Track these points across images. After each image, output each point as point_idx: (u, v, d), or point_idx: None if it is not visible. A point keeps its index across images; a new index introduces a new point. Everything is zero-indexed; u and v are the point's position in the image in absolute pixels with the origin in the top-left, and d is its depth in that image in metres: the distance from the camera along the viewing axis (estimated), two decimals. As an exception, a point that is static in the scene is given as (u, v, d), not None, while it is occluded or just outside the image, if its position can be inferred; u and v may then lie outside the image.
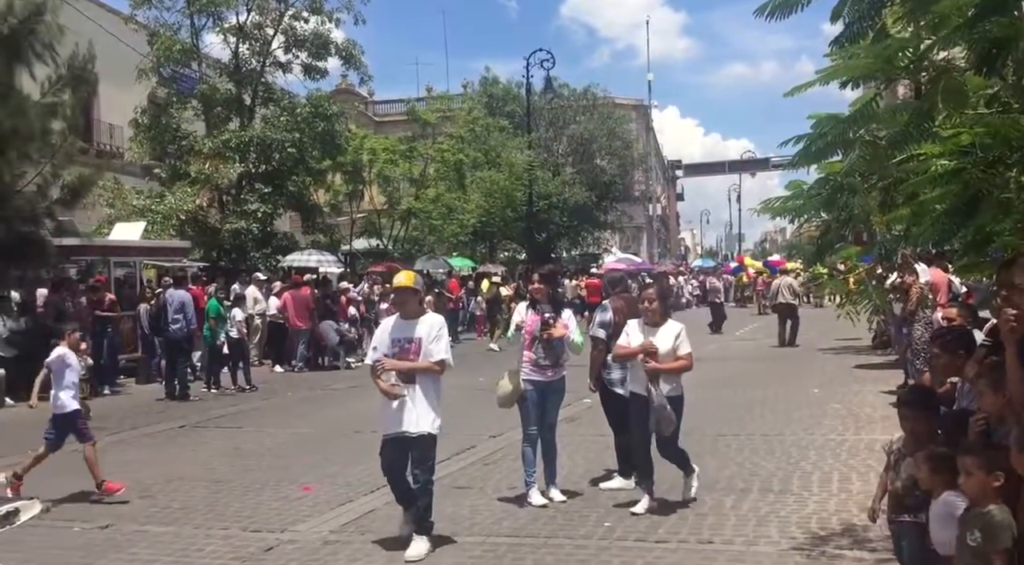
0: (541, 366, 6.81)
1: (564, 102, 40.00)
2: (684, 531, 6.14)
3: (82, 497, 7.52)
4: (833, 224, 4.37)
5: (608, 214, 41.58)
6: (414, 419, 5.68)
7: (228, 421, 11.57)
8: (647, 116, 57.50)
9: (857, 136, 4.26)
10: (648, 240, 58.81)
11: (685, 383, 7.00)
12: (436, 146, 30.77)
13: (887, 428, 8.15)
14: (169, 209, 21.01)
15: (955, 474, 3.76)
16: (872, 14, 3.65)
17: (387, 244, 30.10)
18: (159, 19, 22.71)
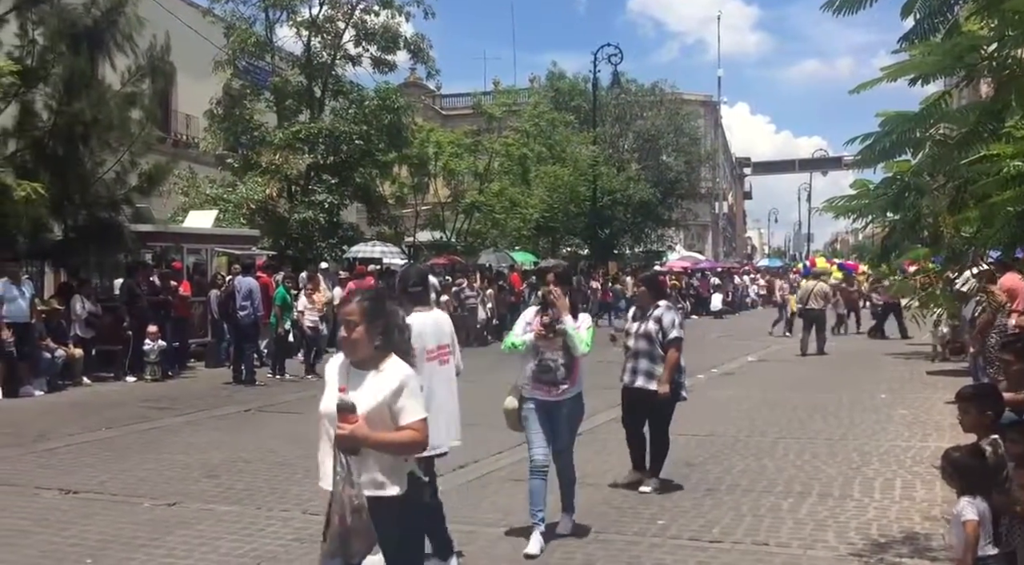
0: (543, 382, 5.75)
1: (631, 97, 39.74)
2: (739, 532, 6.07)
3: (152, 475, 7.79)
4: (899, 225, 4.27)
5: (673, 211, 41.19)
6: None
7: (291, 407, 11.84)
8: (716, 112, 56.75)
9: (926, 135, 4.16)
10: (713, 238, 58.06)
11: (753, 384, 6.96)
12: (501, 140, 30.88)
13: (955, 436, 7.90)
14: (240, 198, 21.55)
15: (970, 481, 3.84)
16: (944, 10, 3.56)
17: (450, 237, 30.33)
18: (236, 12, 23.33)
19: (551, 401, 5.75)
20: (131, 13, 14.65)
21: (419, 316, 5.02)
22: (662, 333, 6.90)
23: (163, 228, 17.32)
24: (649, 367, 6.90)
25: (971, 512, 3.81)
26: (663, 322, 6.92)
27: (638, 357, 6.95)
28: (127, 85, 15.14)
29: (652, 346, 6.88)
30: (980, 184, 3.92)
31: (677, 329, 6.92)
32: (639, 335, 6.95)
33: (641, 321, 7.02)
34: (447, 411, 5.03)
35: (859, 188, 4.67)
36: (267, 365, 15.37)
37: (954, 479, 3.96)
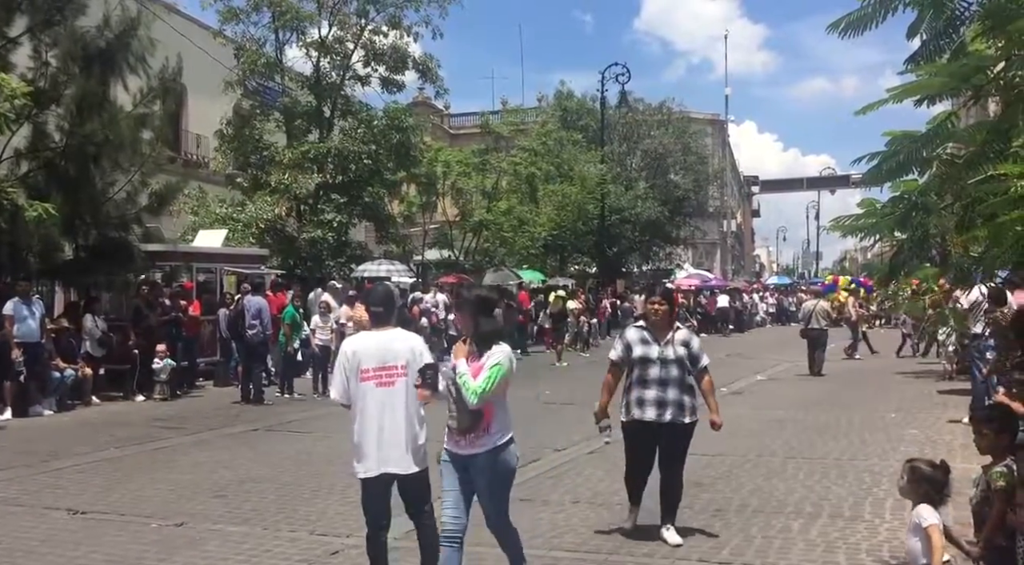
0: (452, 430, 4.73)
1: (639, 116, 39.86)
2: (750, 553, 6.03)
3: (160, 495, 7.79)
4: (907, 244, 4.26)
5: (681, 229, 41.19)
6: None
7: (299, 426, 11.84)
8: (723, 131, 56.87)
9: (932, 155, 4.17)
10: (722, 256, 57.99)
11: (762, 403, 6.88)
12: (509, 159, 31.00)
13: (967, 456, 7.85)
14: (249, 217, 21.64)
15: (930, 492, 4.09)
16: (949, 31, 3.58)
17: (458, 255, 30.39)
18: (246, 34, 23.53)
19: (462, 455, 4.69)
20: (143, 35, 14.81)
21: (365, 335, 5.05)
22: (690, 358, 6.18)
23: (173, 247, 17.41)
24: (681, 398, 6.11)
25: (934, 517, 4.03)
26: (692, 346, 6.22)
27: (668, 386, 6.07)
28: (139, 106, 15.28)
29: (683, 372, 6.14)
30: (988, 204, 3.92)
31: (705, 352, 6.33)
32: (670, 361, 6.09)
33: (664, 345, 6.15)
34: (380, 435, 4.81)
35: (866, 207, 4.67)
36: (276, 384, 15.39)
37: (918, 488, 4.17)
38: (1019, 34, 3.04)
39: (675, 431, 6.12)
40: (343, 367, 4.96)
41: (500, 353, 4.64)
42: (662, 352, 6.09)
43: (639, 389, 6.12)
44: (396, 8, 24.02)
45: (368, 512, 4.98)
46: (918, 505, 4.15)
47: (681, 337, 6.19)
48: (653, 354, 6.11)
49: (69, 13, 14.60)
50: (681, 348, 6.14)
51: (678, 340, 6.15)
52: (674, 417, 6.08)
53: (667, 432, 6.12)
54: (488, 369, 4.56)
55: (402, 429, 4.84)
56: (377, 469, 4.83)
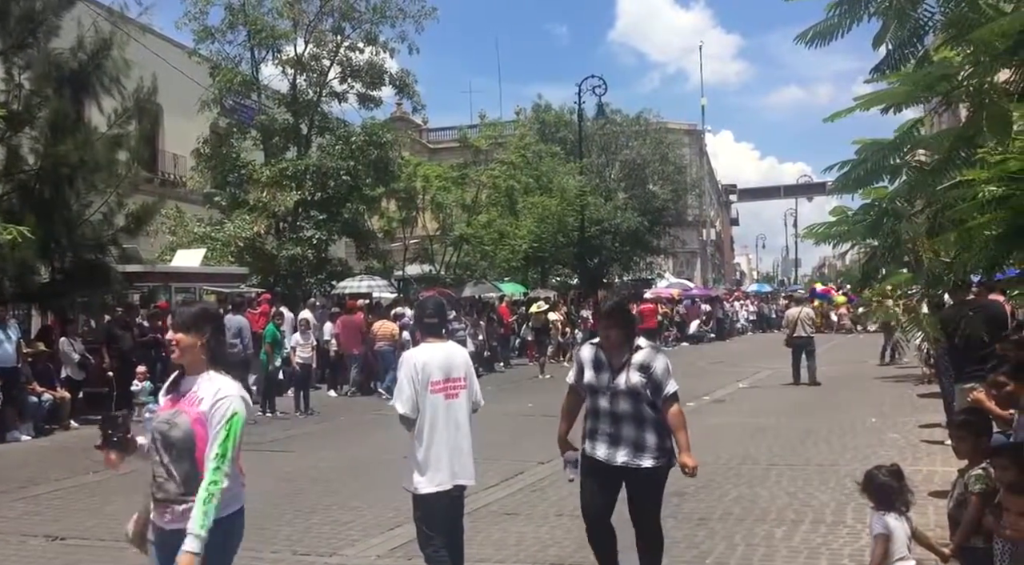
0: (157, 500, 3.45)
1: (616, 127, 40.06)
2: (733, 561, 6.04)
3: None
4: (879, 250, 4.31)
5: (661, 239, 41.36)
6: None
7: (281, 445, 11.75)
8: (700, 140, 57.27)
9: (901, 161, 4.23)
10: (702, 265, 58.30)
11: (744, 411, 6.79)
12: (488, 172, 31.05)
13: (947, 459, 7.93)
14: (228, 236, 21.55)
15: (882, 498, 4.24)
16: (914, 41, 3.64)
17: (439, 270, 30.36)
18: (221, 52, 23.52)
19: (168, 530, 3.40)
20: (117, 56, 14.77)
21: (427, 347, 4.99)
22: (652, 386, 4.85)
23: (151, 268, 17.31)
24: (639, 436, 4.86)
25: (880, 527, 4.18)
26: (653, 371, 4.85)
27: (621, 422, 4.87)
28: (113, 127, 15.21)
29: (639, 405, 4.86)
30: (957, 209, 3.98)
31: (673, 377, 4.95)
32: (620, 392, 4.86)
33: (616, 370, 4.90)
34: (451, 447, 4.88)
35: (838, 215, 4.72)
36: (257, 403, 15.27)
37: (870, 495, 4.32)
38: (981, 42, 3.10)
39: (636, 478, 4.91)
40: (412, 379, 4.83)
41: (230, 396, 3.37)
42: (612, 381, 4.89)
43: (592, 419, 5.04)
44: (372, 24, 24.10)
45: (436, 528, 4.91)
46: (876, 512, 4.26)
47: (639, 360, 4.87)
48: (602, 382, 4.95)
49: (42, 35, 14.54)
50: (637, 375, 4.85)
51: (635, 364, 4.85)
52: (629, 459, 4.87)
53: (627, 479, 4.97)
54: (224, 424, 3.31)
55: (468, 441, 4.96)
56: (450, 481, 4.87)
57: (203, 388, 3.39)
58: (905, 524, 4.21)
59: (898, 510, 4.20)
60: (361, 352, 17.88)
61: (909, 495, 4.30)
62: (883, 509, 4.21)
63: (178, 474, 3.35)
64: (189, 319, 3.44)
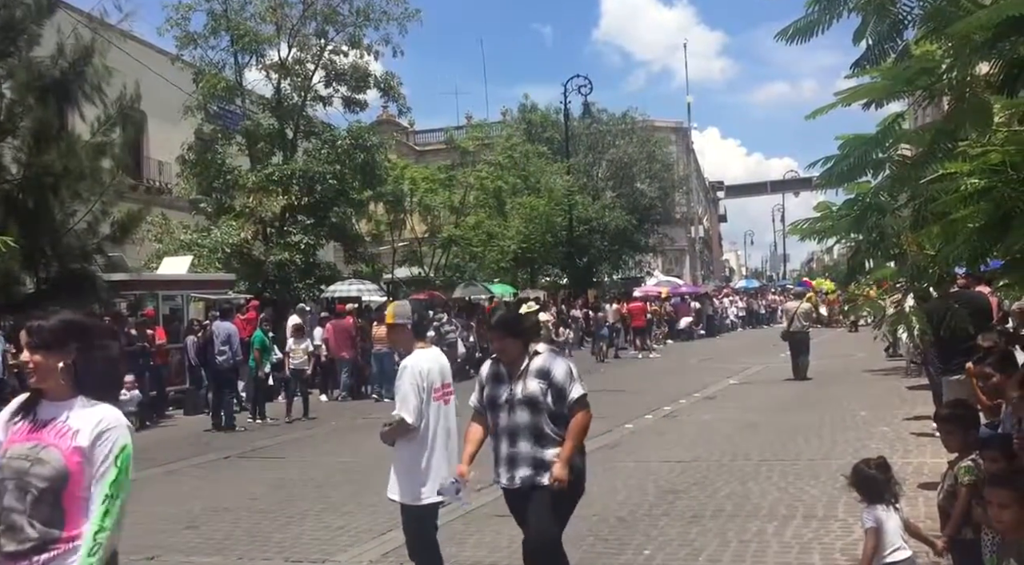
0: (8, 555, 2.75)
1: (603, 127, 40.12)
2: (726, 558, 6.05)
3: (130, 528, 7.64)
4: (864, 245, 4.33)
5: (649, 237, 41.43)
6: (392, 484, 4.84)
7: (272, 451, 11.71)
8: (687, 138, 57.36)
9: (884, 156, 4.25)
10: (691, 262, 58.38)
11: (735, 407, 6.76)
12: (475, 174, 31.04)
13: (936, 451, 7.97)
14: (215, 243, 21.45)
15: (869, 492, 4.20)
16: (894, 35, 3.65)
17: (428, 272, 30.33)
18: (204, 57, 23.34)
19: None
20: (98, 63, 14.68)
21: (424, 353, 4.81)
22: (554, 393, 4.41)
23: (137, 276, 17.22)
24: (536, 451, 4.40)
25: (870, 521, 4.16)
26: (554, 376, 4.42)
27: (518, 438, 4.42)
28: (97, 134, 15.12)
29: (538, 417, 4.39)
30: (940, 202, 4.00)
31: (580, 381, 4.50)
32: (517, 402, 4.43)
33: (515, 380, 4.49)
34: (448, 454, 4.78)
35: (822, 210, 4.74)
36: (247, 410, 15.22)
37: (858, 489, 4.30)
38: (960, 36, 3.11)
39: (542, 495, 4.40)
40: (418, 387, 4.65)
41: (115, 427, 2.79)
42: (511, 391, 4.49)
43: (494, 440, 4.62)
44: (355, 28, 24.00)
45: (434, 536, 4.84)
46: (866, 506, 4.24)
47: (537, 366, 4.45)
48: (500, 395, 4.54)
49: (23, 44, 14.45)
50: (535, 381, 4.42)
51: (533, 370, 4.43)
52: (527, 480, 4.40)
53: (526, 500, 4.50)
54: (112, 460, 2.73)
55: (456, 448, 4.85)
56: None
57: (76, 418, 2.77)
58: (895, 516, 4.21)
59: (887, 502, 4.19)
60: (352, 356, 17.83)
61: (897, 487, 4.30)
62: (872, 502, 4.21)
63: (37, 518, 2.70)
64: (48, 336, 2.80)
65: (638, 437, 11.49)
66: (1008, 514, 3.51)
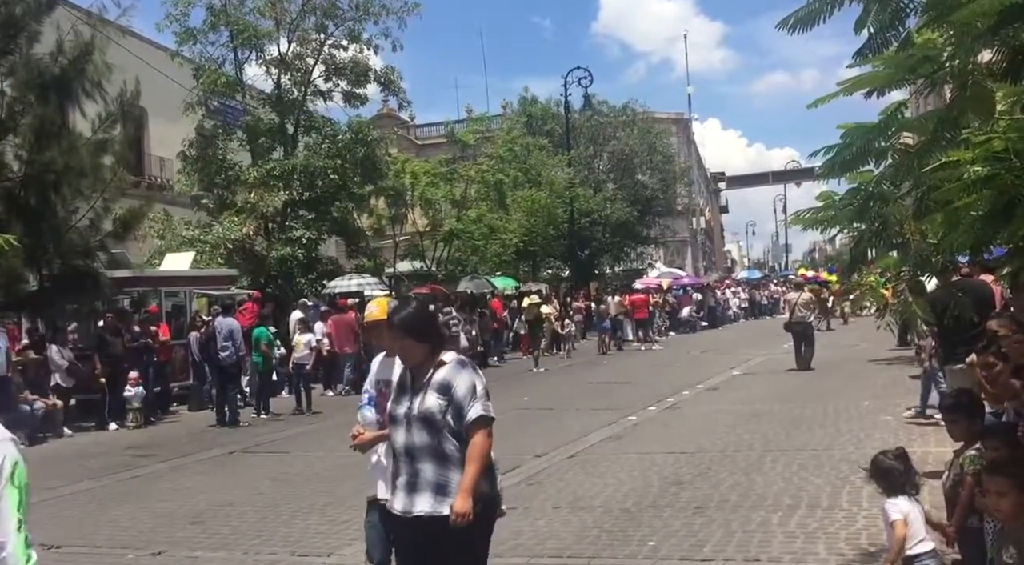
0: None
1: (603, 119, 40.06)
2: (730, 548, 6.06)
3: (136, 524, 7.68)
4: (866, 234, 4.33)
5: (651, 229, 41.43)
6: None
7: (277, 446, 11.73)
8: (688, 129, 57.31)
9: (886, 145, 4.24)
10: (693, 254, 58.39)
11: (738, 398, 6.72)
12: (476, 167, 31.02)
13: (940, 439, 7.97)
14: (217, 239, 21.45)
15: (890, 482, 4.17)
16: (895, 24, 3.64)
17: (430, 266, 30.33)
18: (204, 54, 23.32)
19: None
20: (99, 60, 14.65)
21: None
22: (453, 411, 3.80)
23: (139, 273, 17.22)
24: (438, 476, 3.79)
25: (895, 513, 4.09)
26: (455, 390, 3.81)
27: (416, 459, 3.82)
28: (98, 132, 15.11)
29: (438, 436, 3.81)
30: (943, 190, 3.99)
31: (483, 400, 3.82)
32: (415, 419, 3.84)
33: (417, 392, 3.88)
34: None
35: (824, 200, 4.73)
36: (251, 405, 15.25)
37: (882, 481, 4.24)
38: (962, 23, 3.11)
39: (434, 527, 3.76)
40: None
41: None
42: (410, 405, 3.89)
43: (392, 460, 4.05)
44: (355, 22, 23.97)
45: None
46: (888, 498, 4.19)
47: (440, 378, 3.85)
48: (400, 410, 3.93)
49: (23, 41, 14.43)
50: (434, 397, 3.82)
51: (434, 384, 3.84)
52: (429, 507, 3.77)
53: (422, 530, 3.81)
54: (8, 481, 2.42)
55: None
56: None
57: None
58: (918, 506, 4.16)
59: (908, 494, 4.14)
60: (355, 351, 17.85)
61: (917, 477, 4.25)
62: (893, 494, 4.15)
63: None
64: None
65: (642, 429, 11.51)
66: (1006, 502, 3.52)
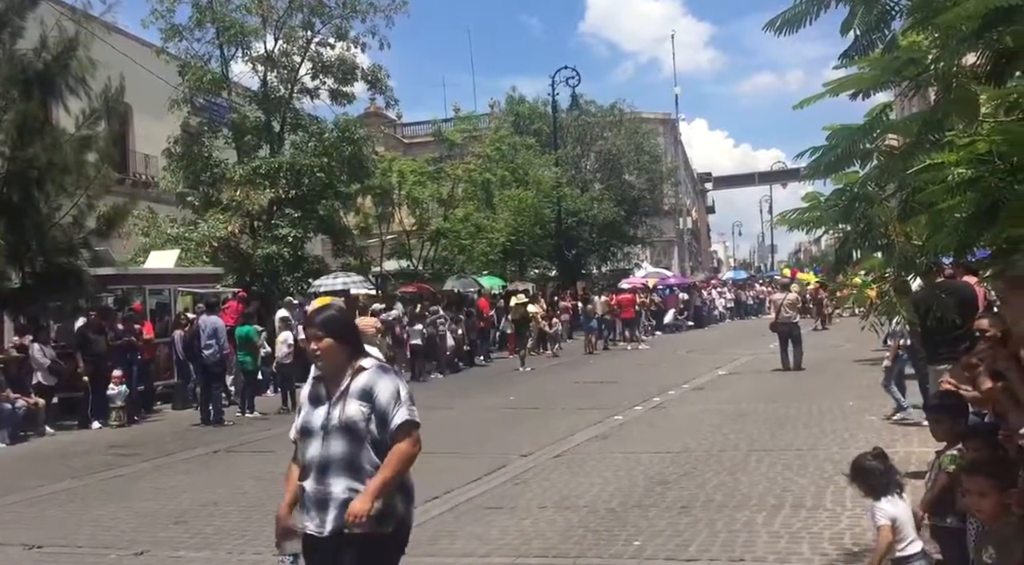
0: None
1: (591, 118, 40.10)
2: (715, 548, 6.07)
3: (118, 524, 7.62)
4: (852, 235, 4.35)
5: (638, 229, 41.49)
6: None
7: (261, 445, 11.68)
8: (675, 130, 57.44)
9: (871, 146, 4.26)
10: (679, 254, 58.55)
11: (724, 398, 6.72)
12: (464, 166, 30.98)
13: (924, 440, 8.02)
14: (202, 236, 21.34)
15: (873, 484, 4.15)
16: (881, 26, 3.65)
17: (417, 265, 30.28)
18: (190, 50, 23.19)
19: None
20: (83, 56, 14.53)
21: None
22: (377, 418, 3.56)
23: (123, 270, 17.10)
24: (349, 491, 3.50)
25: (882, 518, 4.08)
26: (378, 398, 3.57)
27: (329, 473, 3.54)
28: (82, 128, 14.99)
29: (357, 447, 3.54)
30: (927, 192, 4.01)
31: (408, 405, 3.60)
32: (332, 429, 3.57)
33: (333, 402, 3.62)
34: None
35: (810, 201, 4.76)
36: (236, 404, 15.18)
37: (863, 483, 4.22)
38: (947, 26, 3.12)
39: (351, 551, 3.49)
40: None
41: None
42: (327, 416, 3.60)
43: (303, 477, 3.67)
44: (342, 19, 23.89)
45: None
46: (874, 501, 4.17)
47: (361, 385, 3.59)
48: (315, 421, 3.63)
49: (7, 37, 14.30)
50: (356, 404, 3.56)
51: (355, 391, 3.59)
52: (339, 525, 3.48)
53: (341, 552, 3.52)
54: None
55: None
56: None
57: None
58: (904, 506, 4.13)
59: (893, 493, 4.12)
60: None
61: (899, 476, 4.24)
62: (877, 496, 4.13)
63: None
64: None
65: (628, 428, 11.53)
66: (987, 502, 3.54)
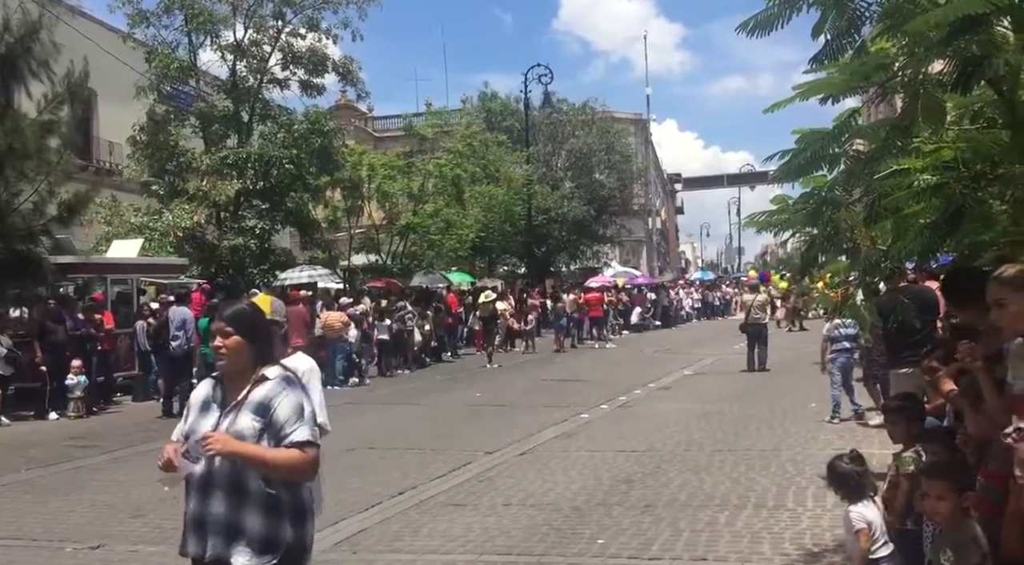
0: None
1: (563, 117, 40.15)
2: (678, 547, 6.10)
3: (75, 517, 7.49)
4: (818, 239, 4.39)
5: (607, 228, 41.63)
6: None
7: (224, 439, 11.53)
8: (646, 130, 57.64)
9: (839, 151, 4.30)
10: (648, 254, 58.81)
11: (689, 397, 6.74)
12: (434, 161, 30.88)
13: (885, 441, 8.11)
14: (167, 226, 21.06)
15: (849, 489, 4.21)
16: (851, 31, 3.68)
17: (386, 259, 30.12)
18: (157, 37, 22.82)
19: None
20: (46, 39, 14.25)
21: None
22: (271, 434, 3.17)
23: (85, 259, 16.81)
24: (231, 516, 3.16)
25: (860, 522, 4.12)
26: (275, 412, 3.17)
27: (210, 494, 3.18)
28: (44, 113, 14.69)
29: (243, 466, 3.15)
30: (893, 197, 4.06)
31: (310, 424, 3.24)
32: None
33: (227, 412, 3.24)
34: None
35: (779, 203, 4.79)
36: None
37: (838, 488, 4.28)
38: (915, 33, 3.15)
39: None
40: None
41: None
42: (215, 427, 3.21)
43: (186, 495, 3.32)
44: (313, 10, 23.68)
45: None
46: (850, 505, 4.19)
47: (259, 397, 3.20)
48: (202, 431, 3.21)
49: (-32, 19, 13.98)
50: (249, 418, 3.18)
51: (251, 402, 3.20)
52: (219, 553, 3.16)
53: None
54: None
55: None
56: None
57: None
58: (876, 509, 4.18)
59: (868, 497, 4.17)
60: (306, 342, 17.62)
61: (871, 478, 4.29)
62: (854, 500, 4.15)
63: None
64: None
65: (593, 427, 11.55)
66: (944, 506, 3.59)
